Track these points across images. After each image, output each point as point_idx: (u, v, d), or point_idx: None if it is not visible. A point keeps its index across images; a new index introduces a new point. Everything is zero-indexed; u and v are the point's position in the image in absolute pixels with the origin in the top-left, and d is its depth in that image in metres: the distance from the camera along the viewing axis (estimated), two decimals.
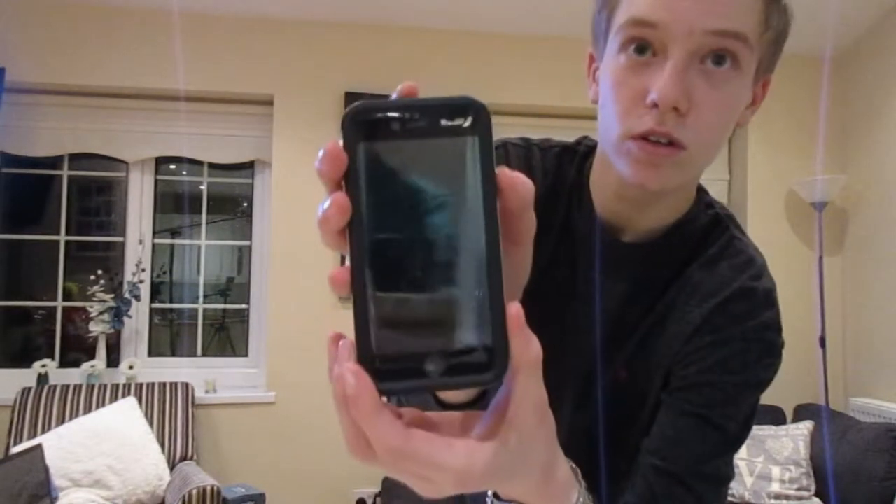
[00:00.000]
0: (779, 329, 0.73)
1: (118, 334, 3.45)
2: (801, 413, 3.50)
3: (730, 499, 3.15)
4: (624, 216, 0.73)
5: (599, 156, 0.75)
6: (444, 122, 0.31)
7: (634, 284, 0.75)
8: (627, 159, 0.65)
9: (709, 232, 0.76)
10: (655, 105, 0.61)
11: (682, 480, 0.67)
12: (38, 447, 2.67)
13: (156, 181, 3.60)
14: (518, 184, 0.34)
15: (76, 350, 3.49)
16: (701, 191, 0.78)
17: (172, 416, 3.12)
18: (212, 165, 3.65)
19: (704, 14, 0.60)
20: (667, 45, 0.61)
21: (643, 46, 0.63)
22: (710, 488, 0.69)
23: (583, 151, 0.79)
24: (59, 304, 3.50)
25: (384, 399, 0.33)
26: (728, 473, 0.72)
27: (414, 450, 0.33)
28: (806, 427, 3.28)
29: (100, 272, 3.37)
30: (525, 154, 0.80)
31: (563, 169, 0.79)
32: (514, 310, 0.32)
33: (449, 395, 0.45)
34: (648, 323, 0.75)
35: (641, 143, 0.63)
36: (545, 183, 0.78)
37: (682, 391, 0.71)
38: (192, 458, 3.04)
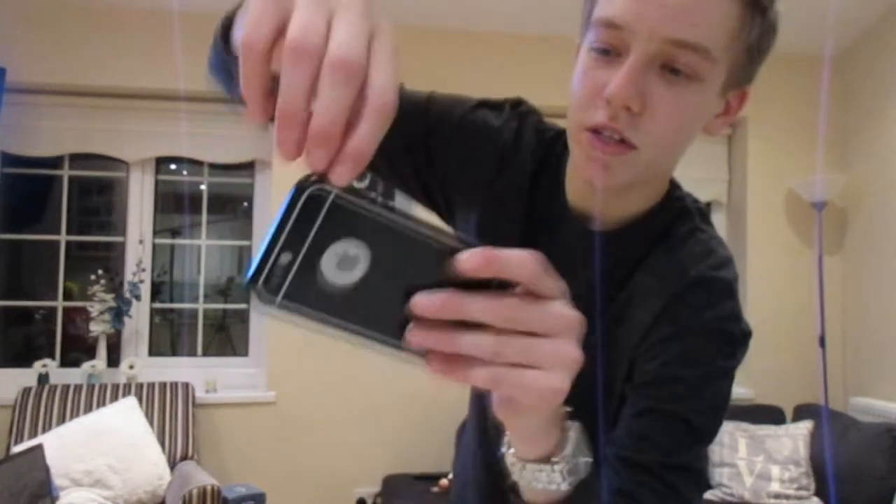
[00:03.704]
0: (738, 318, 0.72)
1: (118, 334, 3.45)
2: (801, 413, 3.50)
3: (729, 498, 3.15)
4: (593, 205, 0.74)
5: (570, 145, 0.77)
6: None
7: (599, 273, 0.75)
8: (580, 151, 0.68)
9: (673, 223, 0.76)
10: (610, 101, 0.63)
11: (652, 471, 0.67)
12: (39, 447, 2.68)
13: (156, 181, 3.60)
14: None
15: (77, 350, 3.49)
16: (673, 185, 0.78)
17: (173, 415, 3.12)
18: (212, 165, 3.65)
19: (667, 21, 0.61)
20: (629, 46, 0.63)
21: (609, 46, 0.65)
22: (682, 478, 0.68)
23: (566, 140, 0.80)
24: (60, 303, 3.50)
25: None
26: (700, 467, 0.71)
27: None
28: (806, 427, 3.28)
29: (100, 272, 3.37)
30: (519, 128, 0.82)
31: (552, 154, 0.80)
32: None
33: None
34: (611, 313, 0.75)
35: (593, 137, 0.65)
36: (536, 166, 0.80)
37: (644, 387, 0.71)
38: (192, 458, 3.05)
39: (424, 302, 0.35)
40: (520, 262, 0.36)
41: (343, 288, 0.34)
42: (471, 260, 0.35)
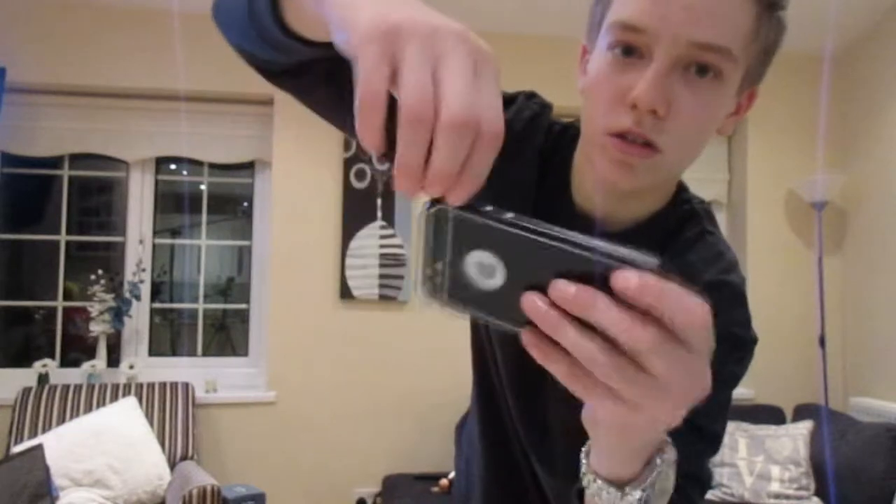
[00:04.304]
0: (748, 325, 0.72)
1: (118, 334, 3.45)
2: (801, 413, 3.50)
3: (729, 498, 3.15)
4: (601, 207, 0.74)
5: (582, 146, 0.76)
6: None
7: None
8: (603, 155, 0.67)
9: (682, 224, 0.76)
10: (635, 105, 0.62)
11: None
12: (39, 447, 2.68)
13: (156, 181, 3.60)
14: None
15: (76, 350, 3.49)
16: (681, 186, 0.78)
17: (173, 415, 3.12)
18: (212, 165, 3.65)
19: (691, 25, 0.61)
20: (652, 49, 0.63)
21: (629, 49, 0.64)
22: (691, 485, 0.68)
23: (572, 135, 0.79)
24: (60, 303, 3.50)
25: None
26: (707, 475, 0.71)
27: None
28: (806, 427, 3.28)
29: (100, 272, 3.37)
30: (532, 117, 0.80)
31: (558, 151, 0.80)
32: None
33: None
34: None
35: (617, 141, 0.64)
36: (541, 161, 0.79)
37: None
38: (192, 458, 3.05)
39: (563, 288, 0.34)
40: (685, 307, 0.33)
41: (488, 290, 0.37)
42: (627, 280, 0.32)
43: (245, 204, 3.80)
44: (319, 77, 0.68)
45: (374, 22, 0.37)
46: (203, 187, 3.71)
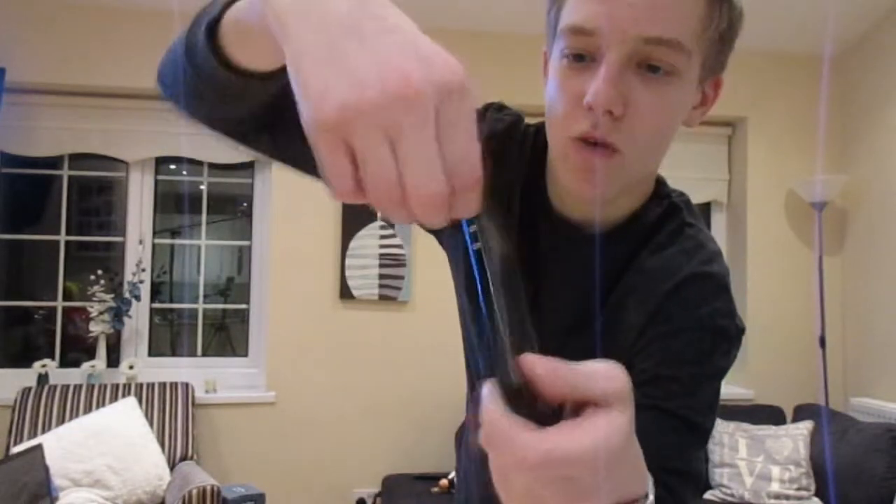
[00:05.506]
0: (732, 315, 0.72)
1: (118, 334, 3.45)
2: (801, 413, 3.50)
3: (729, 498, 3.15)
4: (578, 213, 0.74)
5: (549, 154, 0.76)
6: None
7: (590, 277, 0.74)
8: (566, 165, 0.67)
9: (662, 220, 0.76)
10: (591, 108, 0.62)
11: (652, 475, 0.66)
12: (39, 447, 2.68)
13: (156, 181, 3.60)
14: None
15: (76, 350, 3.49)
16: (659, 182, 0.78)
17: (172, 415, 3.12)
18: (212, 165, 3.65)
19: (638, 21, 0.61)
20: (603, 51, 0.63)
21: (582, 54, 0.64)
22: (681, 482, 0.67)
23: (544, 141, 0.78)
24: (60, 304, 3.50)
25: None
26: (699, 469, 0.70)
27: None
28: (806, 427, 3.28)
29: (100, 272, 3.37)
30: (507, 130, 0.80)
31: (533, 157, 0.79)
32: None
33: None
34: (605, 315, 0.74)
35: (577, 147, 0.64)
36: (527, 170, 0.78)
37: (640, 386, 0.69)
38: (192, 458, 3.05)
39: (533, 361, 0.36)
40: (603, 379, 0.37)
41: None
42: (542, 377, 0.35)
43: (245, 204, 3.79)
44: (292, 125, 0.69)
45: (323, 107, 0.34)
46: (203, 187, 3.70)
